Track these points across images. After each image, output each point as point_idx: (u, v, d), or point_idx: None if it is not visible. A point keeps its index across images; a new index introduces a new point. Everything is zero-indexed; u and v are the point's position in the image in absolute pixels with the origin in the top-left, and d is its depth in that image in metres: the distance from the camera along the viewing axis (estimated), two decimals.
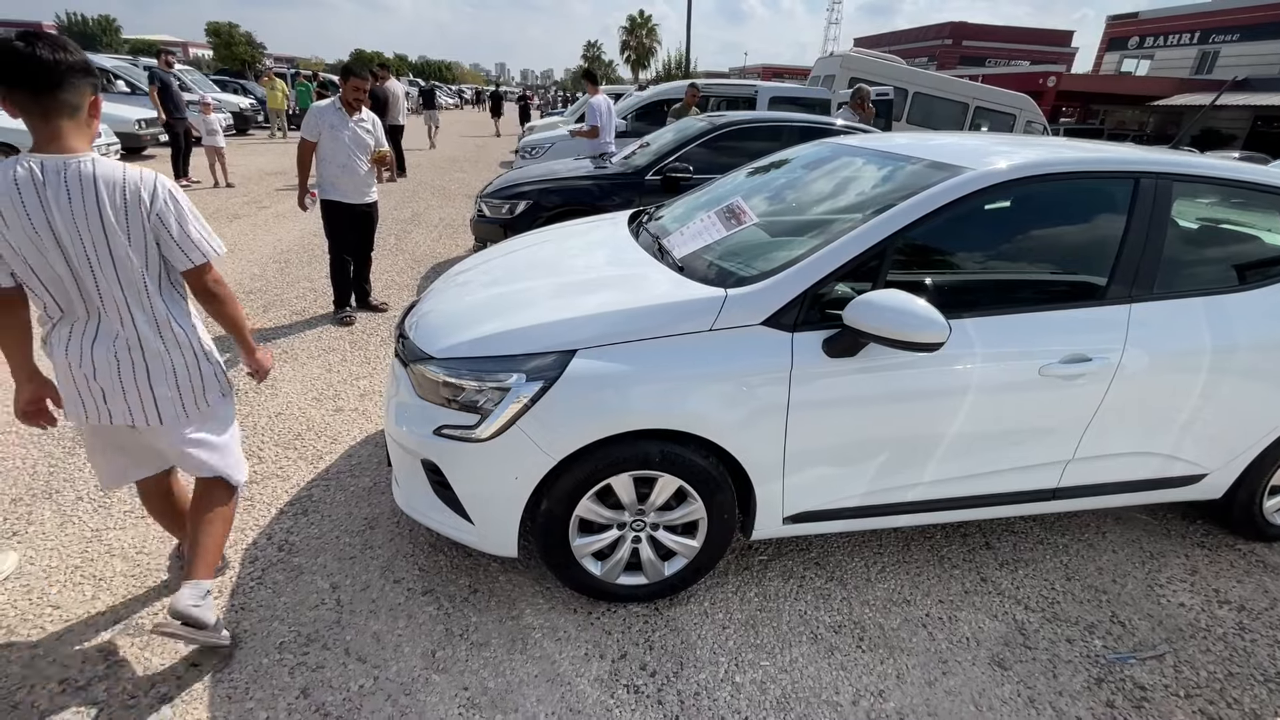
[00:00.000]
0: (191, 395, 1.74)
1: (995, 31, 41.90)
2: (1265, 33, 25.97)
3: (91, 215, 1.50)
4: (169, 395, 1.69)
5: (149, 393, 1.66)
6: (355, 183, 4.22)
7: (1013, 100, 11.64)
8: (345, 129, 4.06)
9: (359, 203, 4.30)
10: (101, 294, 1.57)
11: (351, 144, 4.09)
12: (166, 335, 1.67)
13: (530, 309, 2.03)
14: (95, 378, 1.61)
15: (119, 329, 1.61)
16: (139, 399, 1.66)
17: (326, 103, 4.10)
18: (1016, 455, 2.15)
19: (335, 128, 4.04)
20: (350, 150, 4.10)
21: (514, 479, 1.85)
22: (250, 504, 2.51)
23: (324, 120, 4.02)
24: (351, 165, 4.13)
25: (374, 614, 2.03)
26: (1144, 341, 2.09)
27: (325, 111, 4.04)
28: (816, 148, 3.05)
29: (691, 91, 7.49)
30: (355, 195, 4.26)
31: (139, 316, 1.62)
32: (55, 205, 1.47)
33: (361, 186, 4.26)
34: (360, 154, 4.15)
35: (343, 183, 4.18)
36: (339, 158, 4.10)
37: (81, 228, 1.50)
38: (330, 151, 4.08)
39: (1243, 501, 2.48)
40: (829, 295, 1.90)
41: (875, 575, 2.31)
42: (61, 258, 1.51)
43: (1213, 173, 2.28)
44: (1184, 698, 1.91)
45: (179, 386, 1.71)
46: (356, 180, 4.21)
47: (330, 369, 3.71)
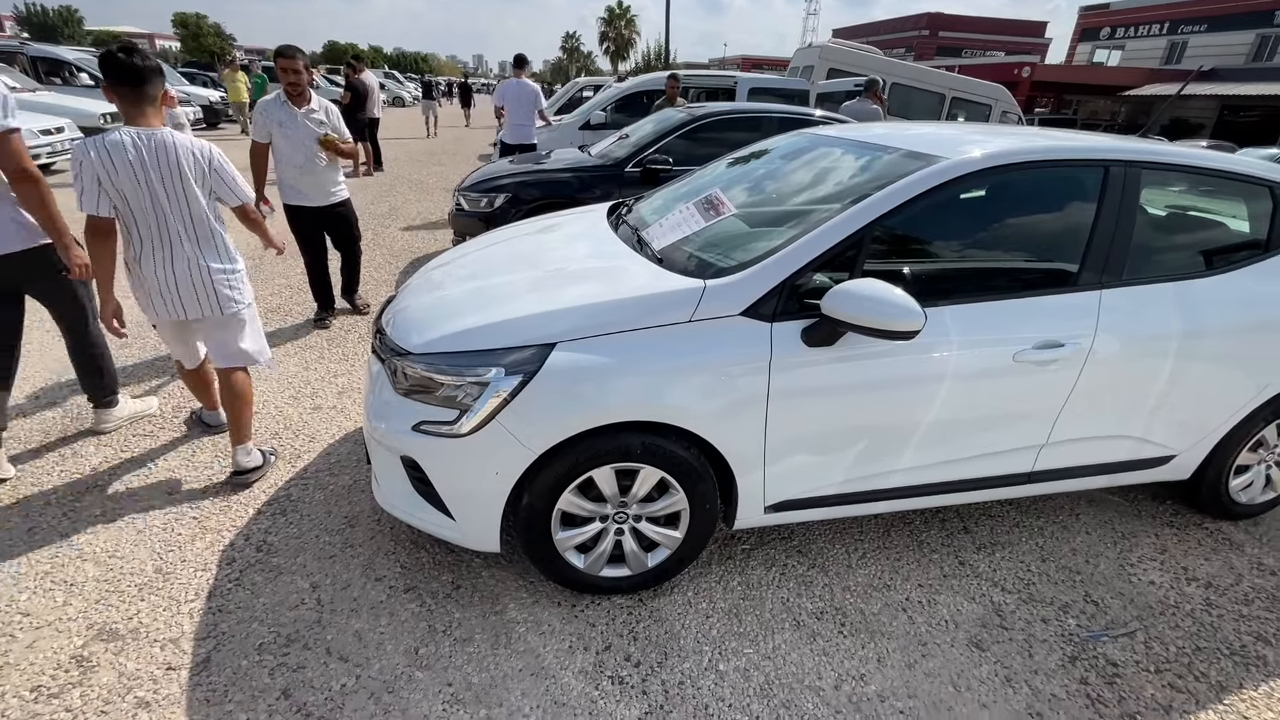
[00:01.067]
0: (230, 295, 2.47)
1: (971, 23, 42.27)
2: (1231, 24, 26.53)
3: (174, 169, 2.25)
4: (224, 293, 2.45)
5: (210, 293, 2.41)
6: (316, 182, 3.87)
7: (988, 91, 11.76)
8: (295, 125, 3.69)
9: (324, 204, 3.96)
10: (175, 224, 2.31)
11: (305, 140, 3.73)
12: (221, 254, 2.45)
13: (509, 302, 2.01)
14: (176, 286, 2.36)
15: (187, 253, 2.36)
16: (205, 297, 2.41)
17: (271, 97, 3.73)
18: (992, 440, 2.18)
19: (284, 124, 3.67)
20: (305, 147, 3.74)
21: (495, 474, 1.84)
22: (227, 505, 2.47)
23: (271, 118, 3.67)
24: (309, 164, 3.79)
25: (355, 612, 2.01)
26: (1114, 327, 2.13)
27: (271, 108, 3.69)
28: (795, 138, 3.06)
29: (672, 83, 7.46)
30: (319, 196, 3.92)
31: (202, 241, 2.38)
32: (150, 161, 2.21)
33: (325, 186, 3.92)
34: (315, 148, 3.79)
35: (303, 184, 3.84)
36: (294, 157, 3.75)
37: (167, 177, 2.25)
38: (284, 151, 3.74)
39: (1210, 481, 2.54)
40: (807, 285, 1.91)
41: (856, 561, 2.34)
42: (149, 196, 2.24)
43: (1179, 161, 2.32)
44: (1154, 673, 1.96)
45: (229, 287, 2.46)
46: (317, 180, 3.86)
47: (307, 366, 3.65)
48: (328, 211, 4.01)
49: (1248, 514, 2.68)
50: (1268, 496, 2.66)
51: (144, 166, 2.19)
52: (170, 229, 2.30)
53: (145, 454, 2.76)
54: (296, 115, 3.68)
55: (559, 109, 11.61)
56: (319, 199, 3.93)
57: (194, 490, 2.55)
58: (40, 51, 12.98)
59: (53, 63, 12.66)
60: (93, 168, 2.13)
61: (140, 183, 2.20)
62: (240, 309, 2.52)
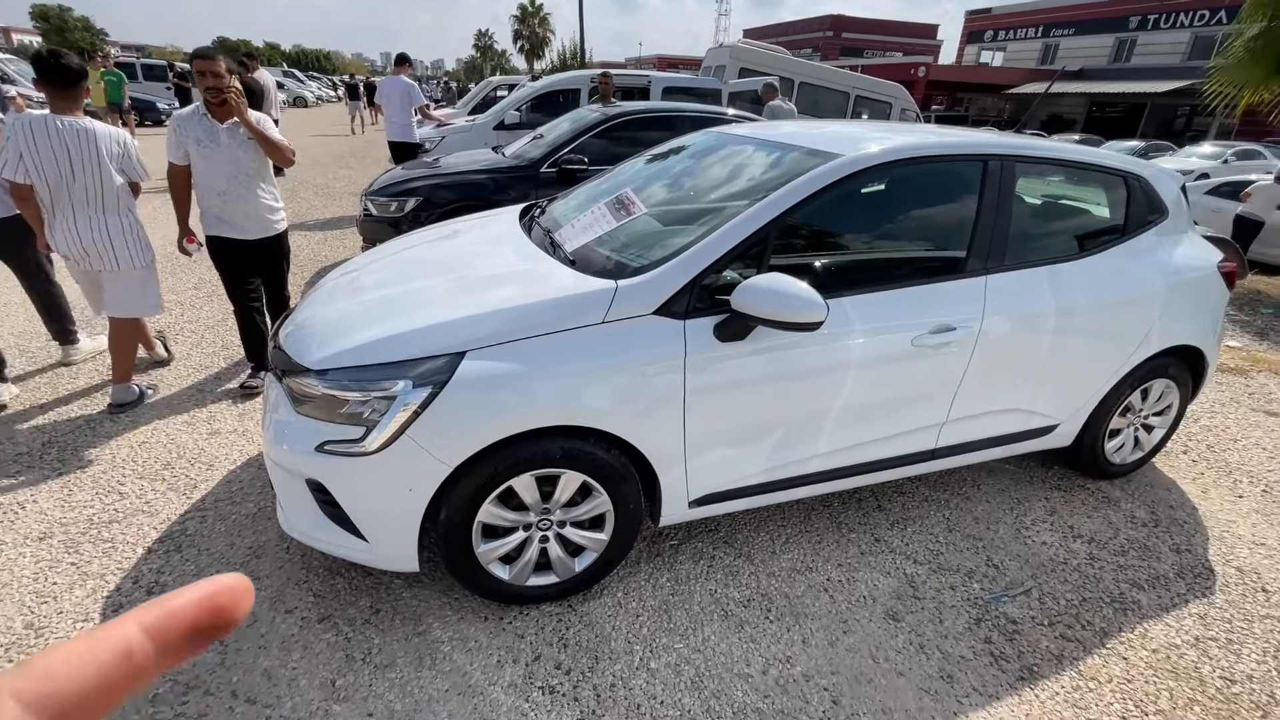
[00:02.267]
0: (128, 255, 2.99)
1: (871, 24, 44.58)
2: (1094, 28, 29.28)
3: (91, 150, 2.81)
4: (124, 253, 2.98)
5: (111, 251, 2.94)
6: (245, 210, 3.13)
7: (889, 90, 12.42)
8: (215, 142, 2.99)
9: (256, 237, 3.21)
10: (90, 194, 2.86)
11: (229, 160, 3.02)
12: (125, 220, 2.99)
13: (417, 311, 1.94)
14: (82, 243, 2.89)
15: (95, 216, 2.90)
16: (109, 254, 2.94)
17: (188, 110, 3.04)
18: (898, 421, 2.30)
19: (202, 142, 2.98)
20: (229, 168, 3.03)
21: (408, 490, 1.77)
22: (111, 546, 2.25)
23: (186, 135, 2.97)
24: (233, 190, 3.06)
25: (264, 650, 1.88)
26: (1000, 309, 2.30)
27: (187, 123, 2.98)
28: (704, 137, 3.11)
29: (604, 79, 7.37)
30: (251, 226, 3.17)
31: (109, 208, 2.92)
32: (70, 141, 2.76)
33: (258, 214, 3.17)
34: (246, 171, 3.06)
35: (229, 212, 3.11)
36: (215, 182, 3.04)
37: (87, 156, 2.80)
38: (203, 174, 3.04)
39: (1088, 446, 2.79)
40: (717, 281, 1.95)
41: (780, 547, 2.41)
42: (70, 171, 2.78)
43: (1049, 154, 2.53)
44: (1048, 626, 2.13)
45: (128, 248, 2.99)
46: (247, 206, 3.13)
47: (203, 389, 3.39)
48: (260, 246, 3.26)
49: (1122, 473, 2.97)
50: (1137, 455, 2.96)
51: (64, 146, 2.76)
52: (85, 197, 2.85)
53: (8, 499, 2.47)
54: (218, 131, 2.99)
55: (472, 109, 11.31)
56: (251, 229, 3.18)
57: (71, 533, 2.31)
58: None
59: None
60: (17, 144, 2.70)
61: (59, 159, 2.76)
62: (137, 267, 3.03)
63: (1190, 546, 2.56)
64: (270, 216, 3.25)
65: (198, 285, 4.94)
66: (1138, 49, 27.89)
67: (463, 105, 12.66)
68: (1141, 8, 27.28)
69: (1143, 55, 27.59)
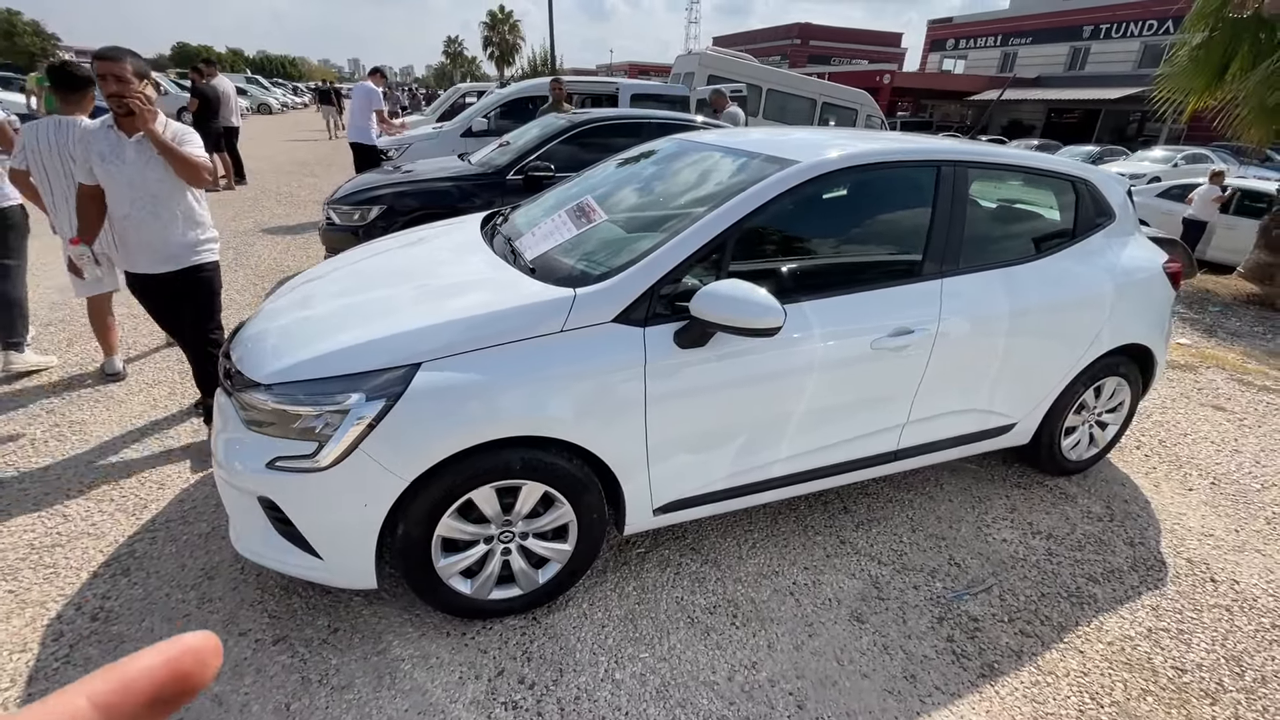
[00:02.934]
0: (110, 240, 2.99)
1: (838, 32, 45.41)
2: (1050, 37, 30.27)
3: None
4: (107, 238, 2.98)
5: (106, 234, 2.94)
6: (149, 239, 2.64)
7: (854, 96, 12.66)
8: (119, 158, 2.53)
9: (165, 270, 2.70)
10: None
11: (134, 179, 2.56)
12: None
13: (372, 322, 1.90)
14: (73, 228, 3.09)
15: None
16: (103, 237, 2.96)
17: (97, 122, 2.64)
18: (860, 424, 2.33)
19: (106, 158, 2.53)
20: (134, 191, 2.57)
21: (364, 506, 1.73)
22: (53, 571, 2.15)
23: (91, 149, 2.54)
24: (135, 214, 2.60)
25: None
26: (956, 311, 2.34)
27: (94, 136, 2.56)
28: (667, 143, 3.12)
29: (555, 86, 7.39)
30: (157, 258, 2.68)
31: None
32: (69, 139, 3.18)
33: (169, 244, 2.67)
34: (151, 193, 2.59)
35: (133, 240, 2.65)
36: (118, 204, 2.60)
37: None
38: (109, 196, 2.62)
39: (1046, 443, 2.86)
40: (677, 289, 1.94)
41: (746, 552, 2.42)
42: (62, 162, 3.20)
43: (997, 159, 2.60)
44: (1008, 622, 2.17)
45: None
46: (152, 235, 2.64)
47: (155, 405, 3.27)
48: (176, 280, 2.75)
49: (1078, 469, 3.04)
50: (1092, 452, 3.04)
51: (64, 143, 3.21)
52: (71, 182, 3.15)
53: None
54: (124, 145, 2.54)
55: (440, 115, 11.21)
56: (158, 262, 2.69)
57: (9, 559, 2.20)
58: None
59: None
60: (24, 140, 3.23)
61: (61, 156, 3.22)
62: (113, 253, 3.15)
63: (1143, 540, 2.63)
64: (187, 247, 2.73)
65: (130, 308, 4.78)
66: (1091, 57, 28.91)
67: (431, 112, 12.54)
68: (1094, 17, 28.30)
69: (1096, 63, 28.61)
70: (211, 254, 2.85)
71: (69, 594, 2.07)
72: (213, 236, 2.86)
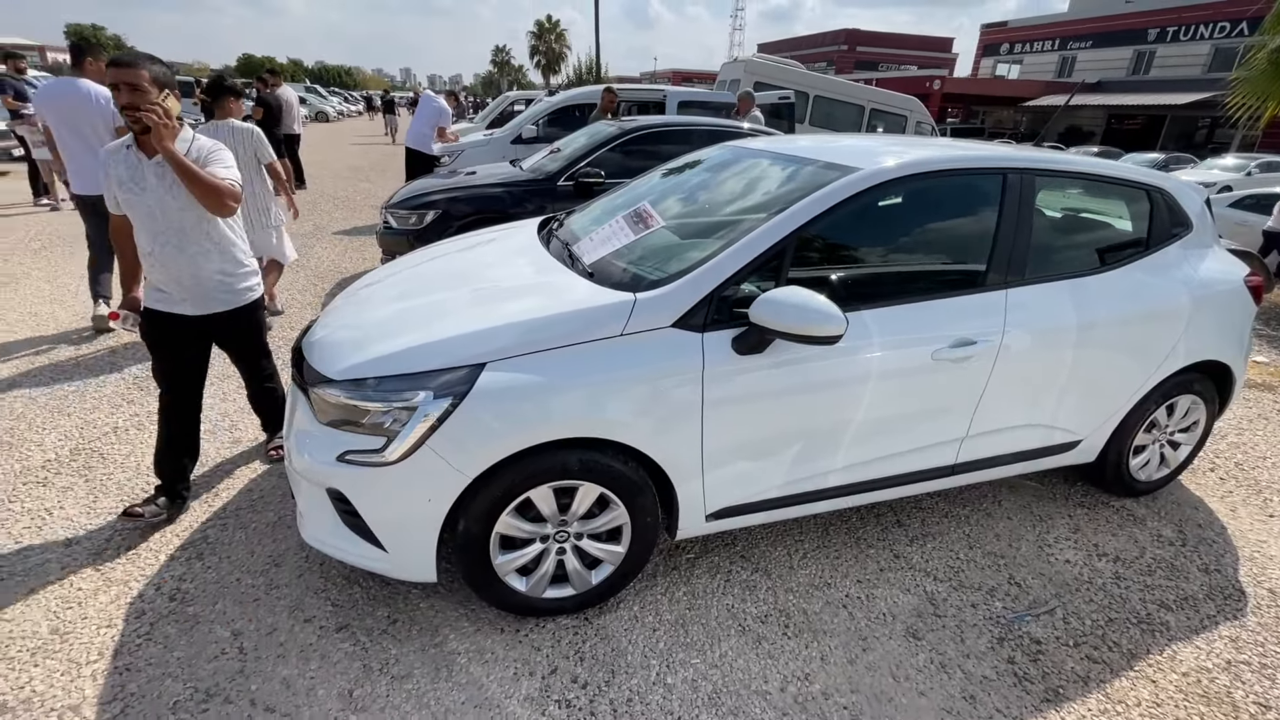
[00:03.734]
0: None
1: (886, 38, 44.68)
2: (1112, 40, 29.11)
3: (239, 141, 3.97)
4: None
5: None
6: (179, 276, 2.30)
7: (904, 103, 12.43)
8: (140, 185, 2.19)
9: (201, 312, 2.38)
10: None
11: (155, 211, 2.21)
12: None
13: (437, 323, 1.96)
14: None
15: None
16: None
17: (117, 143, 2.28)
18: (917, 436, 2.28)
19: (125, 184, 2.20)
20: (155, 223, 2.23)
21: (427, 501, 1.78)
22: (135, 553, 2.28)
23: (111, 175, 2.22)
24: (162, 252, 2.26)
25: (283, 658, 1.89)
26: (1021, 323, 2.27)
27: (113, 161, 2.22)
28: (721, 151, 3.13)
29: (608, 96, 7.50)
30: (192, 298, 2.35)
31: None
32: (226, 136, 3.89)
33: (199, 284, 2.34)
34: (176, 224, 2.24)
35: (164, 277, 2.31)
36: (142, 239, 2.27)
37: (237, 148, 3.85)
38: (135, 230, 2.29)
39: (1113, 462, 2.74)
40: (735, 294, 1.95)
41: (797, 562, 2.39)
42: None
43: (1067, 167, 2.51)
44: (1073, 646, 2.08)
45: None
46: (180, 272, 2.29)
47: (225, 397, 3.44)
48: (214, 324, 2.45)
49: (1147, 490, 2.91)
50: (1163, 473, 2.90)
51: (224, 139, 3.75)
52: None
53: (36, 504, 2.53)
54: (144, 169, 2.20)
55: (490, 123, 11.47)
56: (193, 302, 2.36)
57: (96, 540, 2.34)
58: None
59: None
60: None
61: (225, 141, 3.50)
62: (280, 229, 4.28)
63: (1220, 567, 2.49)
64: (227, 285, 2.41)
65: None
66: (1157, 61, 27.67)
67: (480, 119, 12.85)
68: (1161, 20, 27.10)
69: (1162, 67, 27.36)
70: (252, 293, 2.53)
71: (149, 574, 2.19)
72: (252, 270, 2.53)
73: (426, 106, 7.63)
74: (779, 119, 9.32)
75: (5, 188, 8.94)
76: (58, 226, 6.99)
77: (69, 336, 4.11)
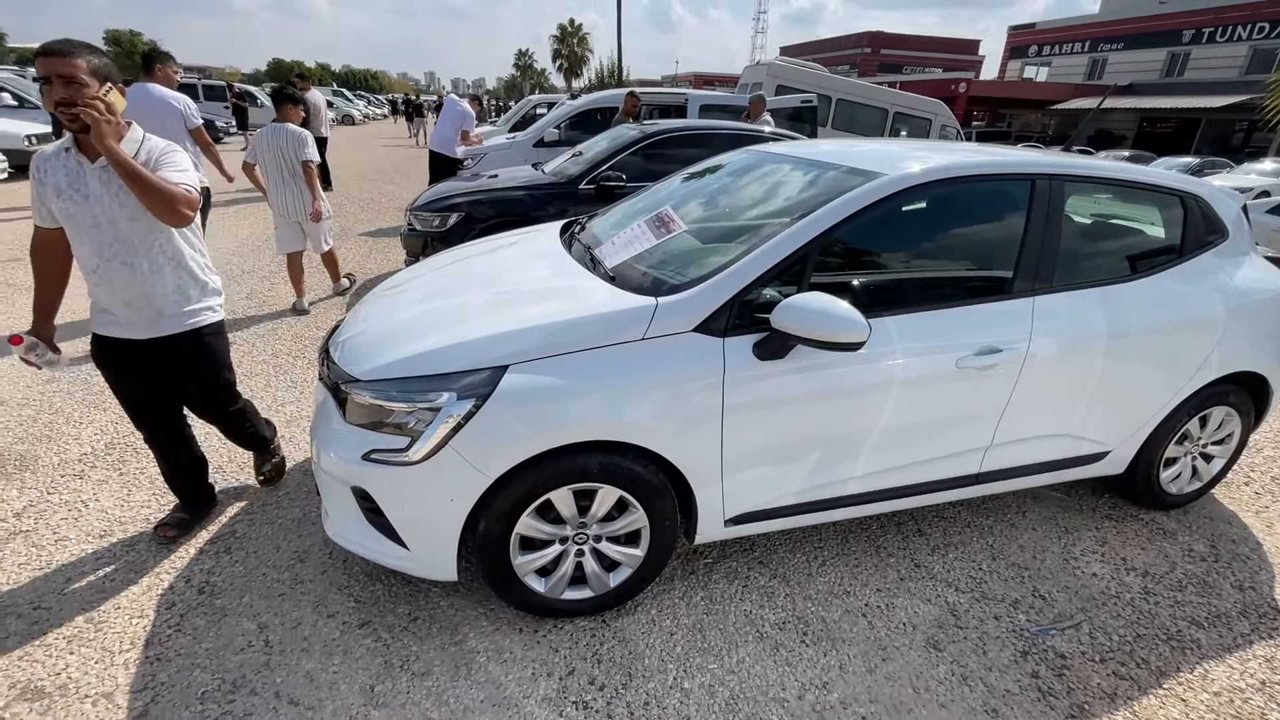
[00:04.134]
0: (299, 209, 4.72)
1: (910, 40, 44.20)
2: (1145, 42, 28.47)
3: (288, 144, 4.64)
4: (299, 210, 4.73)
5: (299, 209, 4.77)
6: (130, 297, 2.04)
7: (928, 106, 12.27)
8: (79, 191, 1.93)
9: (147, 336, 2.11)
10: (285, 170, 4.68)
11: (100, 221, 1.95)
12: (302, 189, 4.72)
13: (461, 325, 1.99)
14: (287, 201, 4.74)
15: (292, 185, 4.71)
16: (298, 211, 4.77)
17: (53, 147, 1.99)
18: (940, 444, 2.25)
19: (64, 192, 1.92)
20: (100, 234, 1.96)
21: (449, 500, 1.81)
22: (165, 546, 2.34)
23: (46, 183, 1.93)
24: (109, 268, 1.99)
25: (306, 652, 1.93)
26: (1048, 331, 2.24)
27: (49, 166, 1.94)
28: (744, 155, 3.13)
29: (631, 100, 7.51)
30: (139, 319, 2.08)
31: (296, 179, 4.70)
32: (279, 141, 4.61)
33: (151, 302, 2.07)
34: (123, 236, 1.98)
35: (106, 298, 2.05)
36: (85, 255, 2.00)
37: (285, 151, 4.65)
38: (75, 245, 2.01)
39: (1143, 474, 2.68)
40: (757, 299, 1.95)
41: (816, 569, 2.37)
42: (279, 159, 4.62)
43: (1099, 173, 2.47)
44: (1099, 662, 2.04)
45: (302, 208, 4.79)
46: (132, 292, 2.03)
47: (253, 395, 3.50)
48: (164, 349, 2.14)
49: (1178, 503, 2.83)
50: (1195, 486, 2.82)
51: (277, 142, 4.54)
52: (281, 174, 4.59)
53: (74, 495, 2.60)
54: (85, 174, 1.93)
55: (512, 126, 11.57)
56: (138, 324, 2.09)
57: (129, 532, 2.41)
58: None
59: None
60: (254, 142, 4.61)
61: (270, 150, 4.55)
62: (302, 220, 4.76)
63: (1254, 584, 2.42)
64: (182, 304, 2.12)
65: (250, 295, 5.15)
66: (1191, 63, 27.00)
67: (503, 123, 12.96)
68: (1196, 21, 26.45)
69: (1197, 69, 26.70)
70: (213, 314, 2.22)
71: (179, 567, 2.25)
72: (213, 288, 2.24)
73: (450, 110, 7.79)
74: (801, 123, 9.28)
75: None
76: None
77: None
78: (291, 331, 4.44)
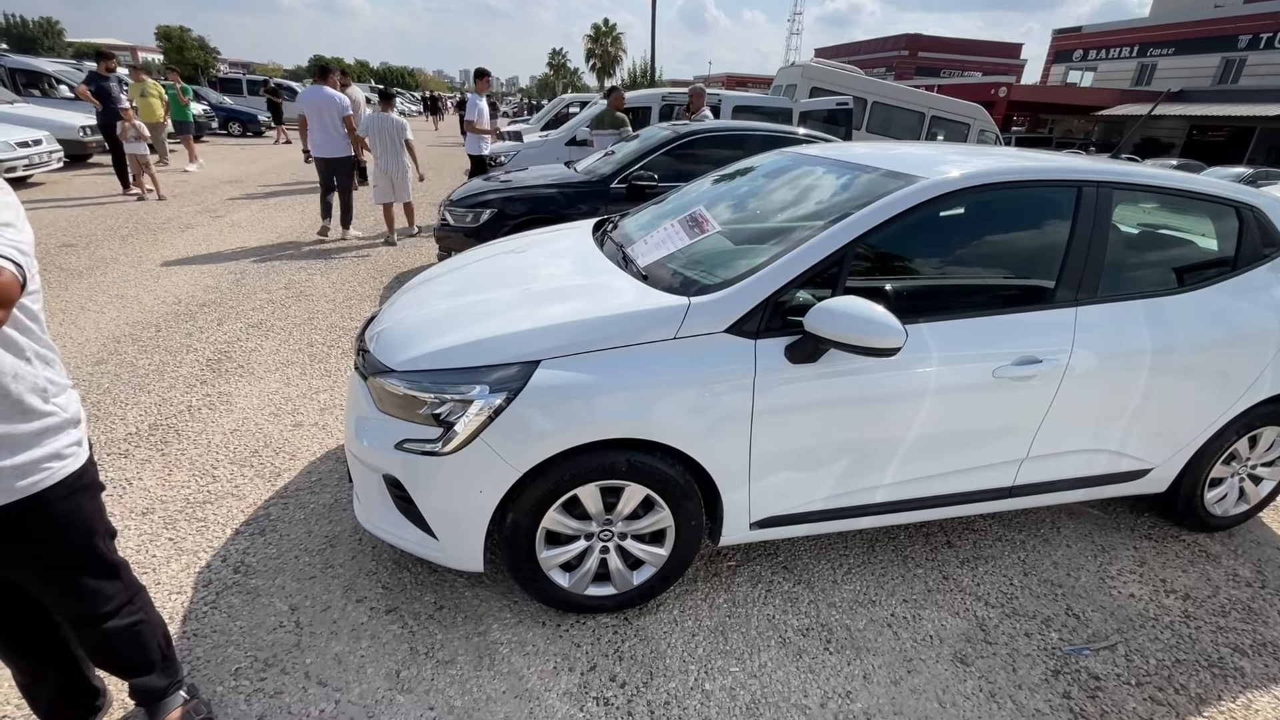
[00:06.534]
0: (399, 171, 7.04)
1: (949, 43, 43.33)
2: (1198, 47, 27.44)
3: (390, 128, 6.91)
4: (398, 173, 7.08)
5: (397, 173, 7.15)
6: None
7: (967, 110, 12.02)
8: None
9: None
10: (389, 147, 6.89)
11: None
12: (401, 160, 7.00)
13: (494, 319, 2.01)
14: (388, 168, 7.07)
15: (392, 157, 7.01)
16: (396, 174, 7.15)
17: None
18: (973, 455, 2.21)
19: None
20: None
21: (478, 492, 1.83)
22: (204, 525, 2.42)
23: None
24: None
25: (335, 635, 1.97)
26: (1090, 343, 2.17)
27: None
28: (778, 157, 3.10)
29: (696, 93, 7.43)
30: None
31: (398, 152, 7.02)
32: (382, 125, 6.84)
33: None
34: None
35: None
36: None
37: (388, 134, 6.85)
38: None
39: (1186, 494, 2.59)
40: (790, 302, 1.93)
41: (841, 577, 2.34)
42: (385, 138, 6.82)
43: (1149, 181, 2.39)
44: (1135, 686, 1.98)
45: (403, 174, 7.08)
46: None
47: (289, 383, 3.61)
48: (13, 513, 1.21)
49: (1223, 526, 2.73)
50: (1241, 508, 2.71)
51: (384, 127, 6.60)
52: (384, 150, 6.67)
53: (118, 474, 2.70)
54: None
55: (545, 124, 11.66)
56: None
57: (170, 510, 2.49)
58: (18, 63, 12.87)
59: (31, 74, 12.56)
60: (365, 122, 6.71)
61: (377, 132, 6.60)
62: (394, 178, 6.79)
63: None
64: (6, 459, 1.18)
65: (288, 285, 5.28)
66: (1247, 69, 25.93)
67: (536, 121, 13.06)
68: (1253, 25, 25.39)
69: (1253, 76, 25.62)
70: (61, 461, 1.28)
71: (216, 546, 2.32)
72: (66, 417, 1.32)
73: (471, 109, 8.14)
74: (835, 125, 9.17)
75: (99, 180, 9.59)
76: (143, 216, 7.46)
77: (150, 318, 4.38)
78: (327, 322, 4.54)
